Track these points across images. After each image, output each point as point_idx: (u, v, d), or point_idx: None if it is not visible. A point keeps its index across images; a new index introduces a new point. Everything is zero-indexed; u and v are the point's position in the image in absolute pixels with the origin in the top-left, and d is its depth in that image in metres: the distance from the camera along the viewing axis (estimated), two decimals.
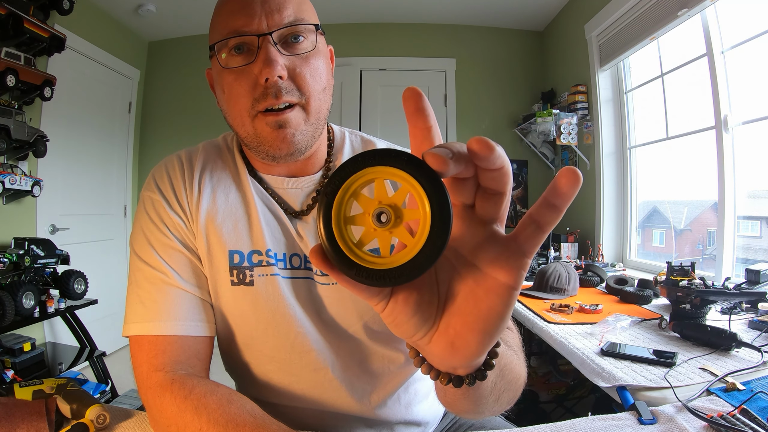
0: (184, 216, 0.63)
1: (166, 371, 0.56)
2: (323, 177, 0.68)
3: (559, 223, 1.39)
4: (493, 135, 3.36)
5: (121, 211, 3.31)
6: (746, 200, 1.83)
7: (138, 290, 0.61)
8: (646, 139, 2.48)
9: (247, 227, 0.64)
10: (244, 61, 0.57)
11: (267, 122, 0.57)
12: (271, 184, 0.67)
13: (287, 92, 0.56)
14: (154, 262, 0.61)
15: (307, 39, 0.59)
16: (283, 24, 0.56)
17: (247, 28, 0.56)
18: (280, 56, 0.56)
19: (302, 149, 0.60)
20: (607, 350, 1.09)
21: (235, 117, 0.59)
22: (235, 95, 0.58)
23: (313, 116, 0.60)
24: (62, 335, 2.49)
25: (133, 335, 0.60)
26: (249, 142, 0.61)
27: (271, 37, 0.55)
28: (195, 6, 3.02)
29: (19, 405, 0.58)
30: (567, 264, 1.89)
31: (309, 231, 0.65)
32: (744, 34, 1.76)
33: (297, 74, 0.57)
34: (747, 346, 1.05)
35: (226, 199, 0.65)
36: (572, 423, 0.65)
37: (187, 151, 0.69)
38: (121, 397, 2.18)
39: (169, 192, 0.64)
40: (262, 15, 0.56)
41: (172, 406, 0.52)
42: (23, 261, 2.01)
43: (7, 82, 2.05)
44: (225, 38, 0.57)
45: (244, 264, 0.62)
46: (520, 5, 3.06)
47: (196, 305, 0.61)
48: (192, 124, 3.45)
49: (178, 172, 0.66)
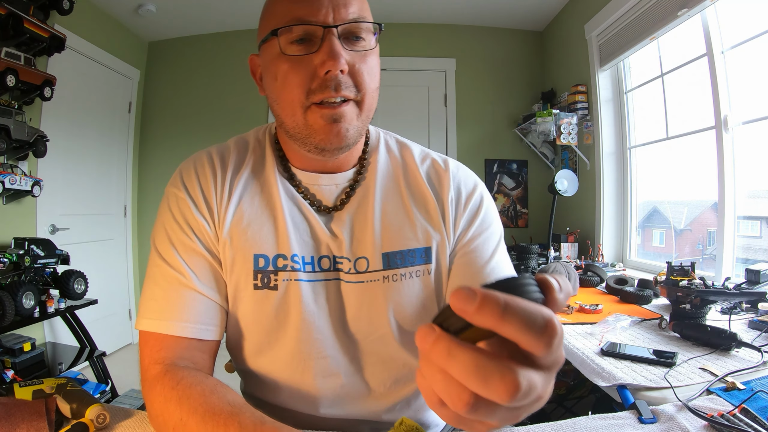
0: (210, 219, 0.63)
1: (165, 364, 0.57)
2: (357, 173, 0.68)
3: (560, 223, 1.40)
4: (493, 135, 3.37)
5: (121, 211, 3.31)
6: (746, 200, 1.83)
7: (154, 287, 0.61)
8: (646, 139, 2.48)
9: (273, 231, 0.64)
10: (305, 50, 0.56)
11: (322, 115, 0.57)
12: (304, 180, 0.67)
13: (345, 87, 0.56)
14: (173, 262, 0.60)
15: (367, 38, 0.59)
16: (348, 19, 0.56)
17: (313, 18, 0.55)
18: (343, 50, 0.56)
19: (351, 144, 0.61)
20: (607, 350, 1.09)
21: (286, 106, 0.59)
22: (289, 83, 0.57)
23: (364, 113, 0.60)
24: (62, 335, 2.49)
25: (143, 330, 0.60)
26: (296, 133, 0.60)
27: (336, 30, 0.55)
28: (195, 6, 3.02)
29: (19, 405, 0.58)
30: (567, 264, 1.90)
31: (344, 227, 0.65)
32: (744, 34, 1.76)
33: (356, 70, 0.57)
34: (747, 346, 1.05)
35: (252, 202, 0.65)
36: (573, 422, 0.65)
37: (219, 150, 0.68)
38: (121, 397, 2.18)
39: (197, 193, 0.63)
40: (329, 7, 0.56)
41: (160, 397, 0.53)
42: (23, 261, 2.01)
43: (7, 82, 2.05)
44: (288, 24, 0.56)
45: (269, 268, 0.62)
46: (520, 5, 3.06)
47: (210, 309, 0.61)
48: (192, 124, 3.45)
49: (209, 173, 0.65)
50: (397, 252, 0.65)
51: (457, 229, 0.68)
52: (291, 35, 0.56)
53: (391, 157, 0.72)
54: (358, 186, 0.68)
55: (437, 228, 0.67)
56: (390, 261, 0.64)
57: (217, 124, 3.43)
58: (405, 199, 0.68)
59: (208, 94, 3.45)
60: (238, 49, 3.40)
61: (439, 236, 0.67)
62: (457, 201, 0.69)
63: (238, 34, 3.41)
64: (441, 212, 0.68)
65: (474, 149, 3.30)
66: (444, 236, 0.67)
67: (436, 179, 0.70)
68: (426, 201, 0.68)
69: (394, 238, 0.65)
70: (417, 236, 0.66)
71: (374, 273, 0.64)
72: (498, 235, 0.70)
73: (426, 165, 0.72)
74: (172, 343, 0.58)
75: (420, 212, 0.67)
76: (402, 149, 0.73)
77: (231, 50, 3.41)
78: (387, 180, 0.69)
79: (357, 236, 0.65)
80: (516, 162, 3.34)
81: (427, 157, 0.73)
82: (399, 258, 0.65)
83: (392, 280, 0.64)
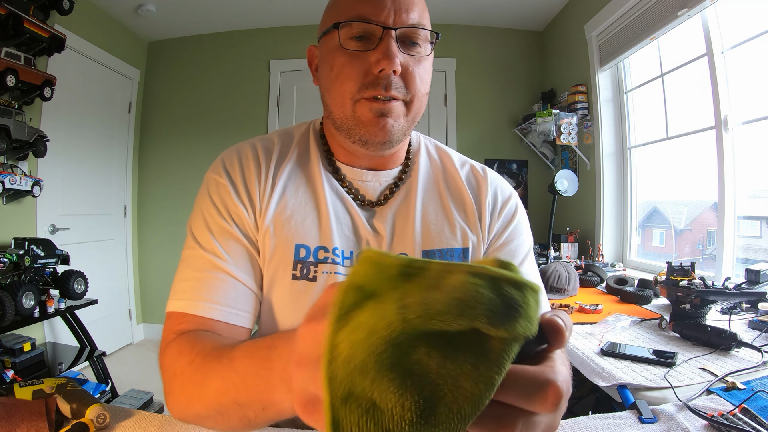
0: (250, 207, 0.63)
1: (187, 332, 0.56)
2: (401, 172, 0.70)
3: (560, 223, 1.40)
4: (493, 135, 3.37)
5: (121, 211, 3.31)
6: (746, 200, 1.83)
7: (186, 269, 0.60)
8: (646, 139, 2.48)
9: (317, 222, 0.64)
10: (363, 47, 0.59)
11: (371, 108, 0.59)
12: (349, 175, 0.68)
13: (396, 88, 0.59)
14: (209, 246, 0.60)
15: (423, 45, 0.61)
16: (407, 24, 0.59)
17: (375, 18, 0.58)
18: (399, 52, 0.58)
19: (395, 141, 0.62)
20: (607, 350, 1.09)
21: (337, 97, 0.61)
22: (343, 76, 0.59)
23: (411, 114, 0.62)
24: (62, 335, 2.49)
25: (170, 311, 0.59)
26: (344, 124, 0.62)
27: (394, 32, 0.58)
28: (195, 6, 3.02)
29: (19, 405, 0.58)
30: (567, 264, 1.89)
31: (386, 223, 0.66)
32: (744, 34, 1.76)
33: (408, 73, 0.60)
34: (747, 346, 1.05)
35: (296, 192, 0.66)
36: (573, 422, 0.65)
37: (263, 141, 0.70)
38: (121, 397, 2.18)
39: (239, 180, 0.64)
40: (391, 9, 0.58)
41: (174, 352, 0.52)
42: (23, 261, 2.01)
43: (7, 82, 2.05)
44: (350, 20, 0.58)
45: (310, 259, 0.63)
46: (520, 5, 3.05)
47: (243, 295, 0.61)
48: (192, 123, 3.45)
49: (252, 162, 0.66)
50: (437, 250, 0.66)
51: (491, 232, 0.70)
52: (351, 30, 0.59)
53: (431, 160, 0.75)
54: (401, 184, 0.70)
55: (474, 229, 0.69)
56: (429, 258, 0.65)
57: (217, 124, 3.43)
58: (445, 200, 0.70)
59: (208, 94, 3.45)
60: (238, 49, 3.40)
61: (476, 238, 0.69)
62: (494, 205, 0.71)
63: (238, 34, 3.41)
64: (478, 214, 0.70)
65: (474, 149, 3.30)
66: (479, 238, 0.69)
67: (475, 183, 0.73)
68: (464, 202, 0.70)
69: (434, 236, 0.67)
70: (456, 236, 0.68)
71: None
72: (528, 245, 0.72)
73: (465, 169, 0.74)
74: (198, 322, 0.57)
75: (459, 213, 0.69)
76: (441, 154, 0.76)
77: (231, 50, 3.41)
78: (428, 181, 0.71)
79: (398, 232, 0.66)
80: (516, 162, 3.34)
81: (466, 162, 0.76)
82: (438, 256, 0.66)
83: None
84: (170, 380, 0.50)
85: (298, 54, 3.36)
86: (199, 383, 0.45)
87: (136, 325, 3.40)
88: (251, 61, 3.39)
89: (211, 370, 0.44)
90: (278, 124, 3.37)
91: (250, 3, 3.02)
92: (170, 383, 0.50)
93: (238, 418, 0.41)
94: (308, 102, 3.34)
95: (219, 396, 0.42)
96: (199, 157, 3.40)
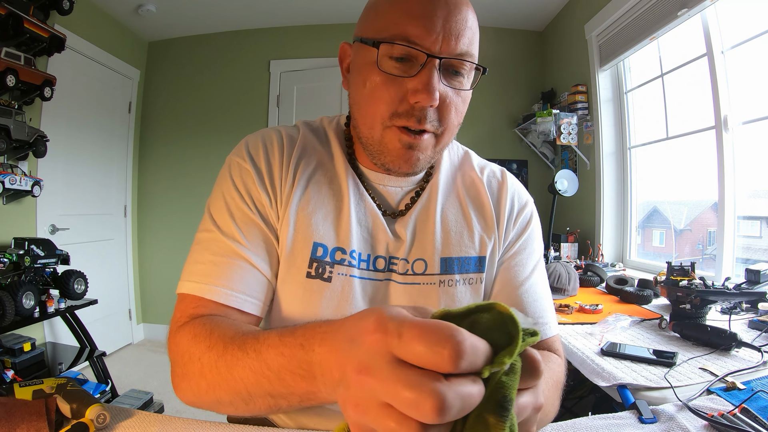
0: (272, 195, 0.62)
1: (199, 316, 0.55)
2: (423, 180, 0.69)
3: (560, 223, 1.40)
4: (493, 135, 3.37)
5: (121, 211, 3.31)
6: (746, 200, 1.83)
7: (203, 251, 0.59)
8: (646, 139, 2.48)
9: (337, 223, 0.63)
10: (402, 71, 0.55)
11: (400, 139, 0.57)
12: (370, 179, 0.67)
13: (429, 121, 0.56)
14: (228, 229, 0.59)
15: (467, 76, 0.58)
16: (455, 53, 0.54)
17: (421, 42, 0.53)
18: (440, 84, 0.54)
19: (419, 171, 0.62)
20: (607, 350, 1.09)
21: (367, 117, 0.58)
22: (377, 97, 0.56)
23: (440, 145, 0.60)
24: (62, 335, 2.49)
25: (183, 293, 0.58)
26: (369, 145, 0.61)
27: (439, 61, 0.53)
28: (195, 6, 3.02)
29: (19, 405, 0.58)
30: (567, 264, 1.89)
31: (408, 228, 0.65)
32: (744, 34, 1.76)
33: (446, 106, 0.56)
34: (747, 346, 1.05)
35: (319, 189, 0.64)
36: (573, 422, 0.65)
37: (288, 130, 0.68)
38: (121, 397, 2.18)
39: (263, 166, 0.62)
40: (440, 34, 0.53)
41: (188, 335, 0.51)
42: (23, 261, 2.01)
43: (7, 82, 2.05)
44: (393, 41, 0.53)
45: (327, 259, 0.62)
46: (520, 5, 3.05)
47: (258, 282, 0.60)
48: (192, 123, 3.45)
49: (277, 150, 0.64)
50: (455, 258, 0.66)
51: (507, 238, 0.70)
52: (392, 50, 0.54)
53: (452, 163, 0.73)
54: (424, 189, 0.69)
55: (490, 235, 0.68)
56: (447, 266, 0.65)
57: (217, 124, 3.43)
58: (465, 205, 0.69)
59: (208, 94, 3.45)
60: (238, 49, 3.40)
61: (492, 244, 0.68)
62: (511, 211, 0.71)
63: (238, 34, 3.41)
64: (496, 220, 0.69)
65: (474, 149, 3.21)
66: (496, 244, 0.68)
67: (496, 188, 0.72)
68: (484, 209, 0.70)
69: (453, 244, 0.66)
70: (474, 244, 0.67)
71: (431, 276, 0.65)
72: (539, 253, 0.72)
73: (486, 174, 0.73)
74: (212, 307, 0.56)
75: (478, 219, 0.69)
76: (463, 157, 0.75)
77: (231, 50, 3.41)
78: (449, 186, 0.71)
79: (419, 238, 0.66)
80: (516, 162, 3.34)
81: (486, 166, 0.75)
82: (456, 264, 0.66)
83: (447, 285, 0.65)
84: (185, 364, 0.50)
85: (298, 54, 3.36)
86: (223, 371, 0.45)
87: (136, 325, 3.40)
88: (251, 61, 3.38)
89: (237, 360, 0.44)
90: (278, 124, 3.37)
91: (250, 3, 3.02)
92: (185, 366, 0.50)
93: (267, 406, 0.42)
94: (308, 102, 3.34)
95: (249, 387, 0.42)
96: (200, 156, 3.41)
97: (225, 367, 0.45)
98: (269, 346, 0.41)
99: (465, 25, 0.55)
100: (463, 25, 0.55)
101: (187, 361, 0.50)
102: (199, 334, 0.50)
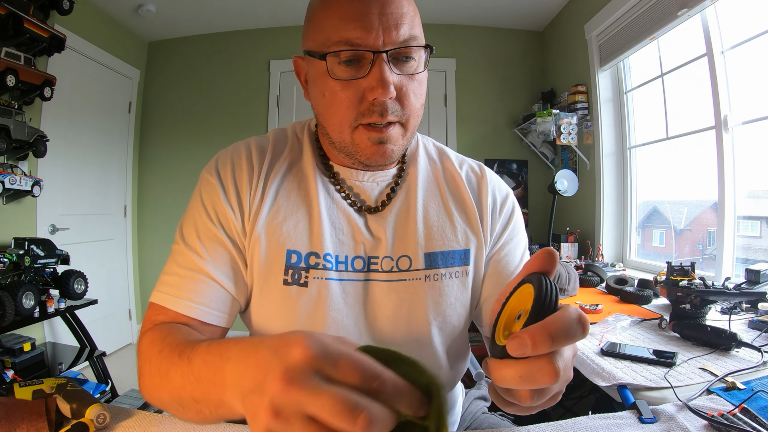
0: (238, 210, 0.63)
1: (164, 323, 0.58)
2: (397, 174, 0.70)
3: (560, 223, 1.41)
4: (493, 135, 3.36)
5: (121, 211, 3.31)
6: (746, 200, 1.83)
7: (172, 263, 0.62)
8: (646, 139, 2.48)
9: (308, 228, 0.64)
10: (354, 73, 0.56)
11: (369, 137, 0.59)
12: (345, 176, 0.68)
13: (392, 112, 0.58)
14: (194, 245, 0.61)
15: (417, 56, 0.59)
16: (398, 42, 0.56)
17: (363, 42, 0.55)
18: (392, 75, 0.56)
19: (395, 160, 0.63)
20: (607, 350, 1.09)
21: (334, 124, 0.60)
22: (338, 104, 0.58)
23: (409, 132, 0.62)
24: (62, 335, 2.49)
25: (151, 301, 0.62)
26: (342, 147, 0.62)
27: (386, 55, 0.55)
28: (195, 6, 3.02)
29: (19, 405, 0.58)
30: (567, 264, 1.89)
31: (387, 225, 0.66)
32: (744, 34, 1.76)
33: (403, 93, 0.58)
34: (747, 346, 1.05)
35: (289, 197, 0.65)
36: (573, 422, 0.65)
37: (258, 140, 0.69)
38: (121, 397, 2.18)
39: (229, 183, 0.64)
40: (379, 29, 0.55)
41: (148, 340, 0.54)
42: (23, 261, 2.01)
43: (7, 82, 2.05)
44: (338, 50, 0.55)
45: (301, 264, 0.62)
46: (520, 5, 3.05)
47: (220, 296, 0.62)
48: (192, 124, 3.45)
49: (245, 163, 0.65)
50: (439, 252, 0.66)
51: (494, 233, 0.71)
52: (339, 57, 0.56)
53: (430, 159, 0.74)
54: (401, 184, 0.69)
55: (475, 231, 0.69)
56: (432, 261, 0.66)
57: (217, 124, 3.43)
58: (446, 201, 0.70)
59: (208, 94, 3.44)
60: (238, 49, 3.40)
61: (476, 239, 0.69)
62: (494, 206, 0.71)
63: (238, 34, 3.41)
64: (479, 216, 0.70)
65: (474, 149, 3.30)
66: (481, 239, 0.69)
67: (476, 183, 0.73)
68: (465, 204, 0.70)
69: (436, 238, 0.67)
70: (457, 238, 0.68)
71: (416, 272, 0.65)
72: (524, 241, 0.74)
73: (465, 169, 0.74)
74: (174, 316, 0.59)
75: (460, 214, 0.70)
76: (440, 153, 0.76)
77: (231, 50, 3.41)
78: (428, 181, 0.71)
79: (400, 234, 0.66)
80: (516, 162, 3.34)
81: (464, 162, 0.76)
82: (441, 258, 0.66)
83: (433, 279, 0.65)
84: (142, 365, 0.54)
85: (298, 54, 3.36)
86: (163, 373, 0.48)
87: (136, 325, 3.40)
88: (251, 61, 3.38)
89: (173, 365, 0.46)
90: (278, 124, 3.37)
91: (250, 3, 3.02)
92: (141, 368, 0.54)
93: (194, 411, 0.43)
94: (308, 102, 3.34)
95: (179, 389, 0.45)
96: (199, 157, 3.40)
97: (165, 371, 0.48)
98: (198, 353, 0.43)
99: (401, 11, 0.57)
100: (399, 12, 0.56)
101: (143, 362, 0.53)
102: (155, 339, 0.53)
